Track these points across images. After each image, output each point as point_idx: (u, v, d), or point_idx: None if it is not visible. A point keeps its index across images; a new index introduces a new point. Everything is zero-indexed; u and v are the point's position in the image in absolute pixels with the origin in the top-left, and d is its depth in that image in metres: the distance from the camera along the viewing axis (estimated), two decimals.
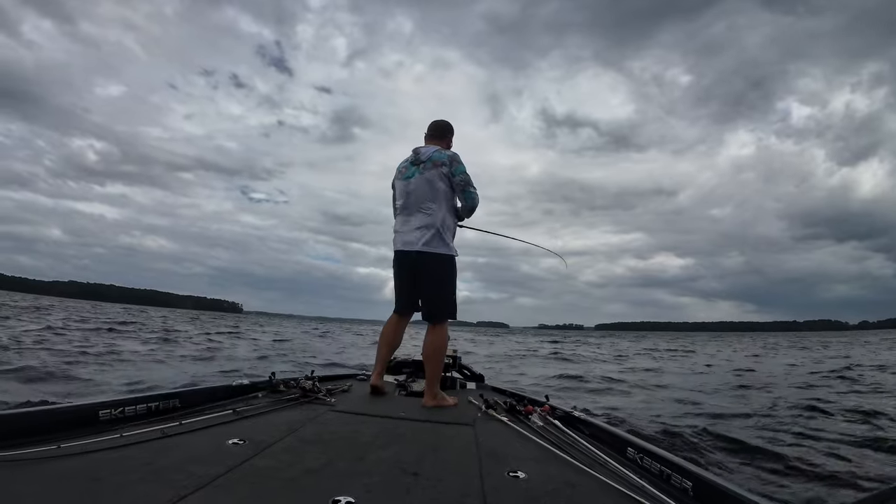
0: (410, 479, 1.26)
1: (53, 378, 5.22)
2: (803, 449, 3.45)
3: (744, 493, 1.12)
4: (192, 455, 1.30)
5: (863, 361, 11.75)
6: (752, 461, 3.19)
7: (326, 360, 9.68)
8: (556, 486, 1.29)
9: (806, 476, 2.85)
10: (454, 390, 3.32)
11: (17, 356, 6.52)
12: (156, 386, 4.99)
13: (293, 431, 1.68)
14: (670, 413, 4.98)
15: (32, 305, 29.85)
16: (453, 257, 2.64)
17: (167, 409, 1.90)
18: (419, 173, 2.62)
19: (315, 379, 2.68)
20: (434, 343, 2.57)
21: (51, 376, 5.27)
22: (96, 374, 5.77)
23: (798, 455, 3.24)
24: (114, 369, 6.38)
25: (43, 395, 4.04)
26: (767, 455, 3.27)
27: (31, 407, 1.68)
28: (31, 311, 21.01)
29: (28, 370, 5.37)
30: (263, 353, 10.75)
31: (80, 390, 4.77)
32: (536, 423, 2.11)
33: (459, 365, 3.87)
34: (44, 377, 5.18)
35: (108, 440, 1.36)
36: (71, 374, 5.52)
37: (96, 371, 6.05)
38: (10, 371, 5.26)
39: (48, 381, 5.07)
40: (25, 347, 7.63)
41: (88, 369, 6.09)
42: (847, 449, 3.45)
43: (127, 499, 0.98)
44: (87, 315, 23.47)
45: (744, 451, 3.39)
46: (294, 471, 1.25)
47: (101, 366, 6.55)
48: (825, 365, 11.10)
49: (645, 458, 1.58)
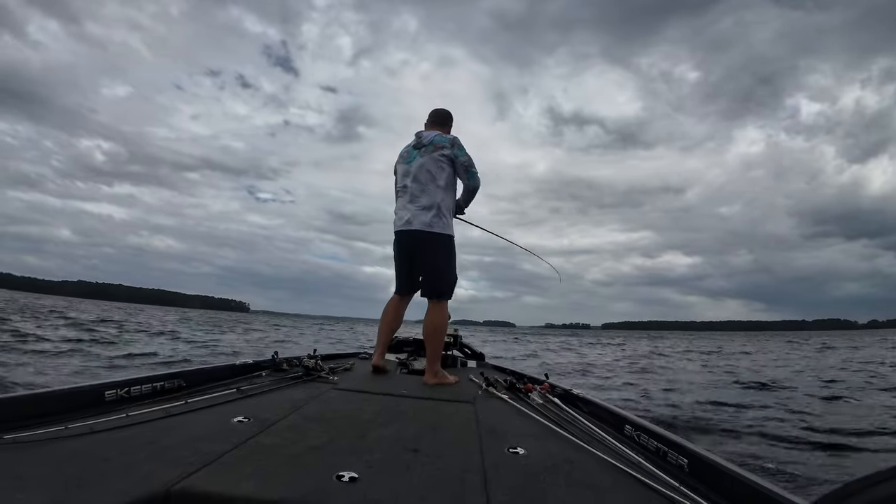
0: (411, 455, 1.27)
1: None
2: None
3: (738, 470, 1.12)
4: (198, 433, 1.31)
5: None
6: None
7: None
8: (555, 462, 1.31)
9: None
10: (455, 368, 3.35)
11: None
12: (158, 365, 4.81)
13: (296, 409, 1.69)
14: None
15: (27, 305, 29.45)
16: (452, 237, 2.69)
17: (172, 388, 1.91)
18: (420, 156, 2.67)
19: (318, 357, 2.70)
20: (434, 321, 2.60)
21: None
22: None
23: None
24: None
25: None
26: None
27: (38, 389, 1.66)
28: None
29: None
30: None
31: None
32: (536, 401, 2.11)
33: (460, 343, 3.90)
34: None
35: (115, 420, 1.37)
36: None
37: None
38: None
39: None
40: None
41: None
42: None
43: (134, 477, 0.98)
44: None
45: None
46: (298, 448, 1.26)
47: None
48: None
49: (642, 436, 1.59)
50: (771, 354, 17.37)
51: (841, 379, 8.27)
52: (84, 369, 6.10)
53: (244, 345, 11.95)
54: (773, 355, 16.67)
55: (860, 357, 14.50)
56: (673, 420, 4.51)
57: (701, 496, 1.08)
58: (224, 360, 3.63)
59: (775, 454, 3.48)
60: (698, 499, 1.06)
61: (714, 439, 3.93)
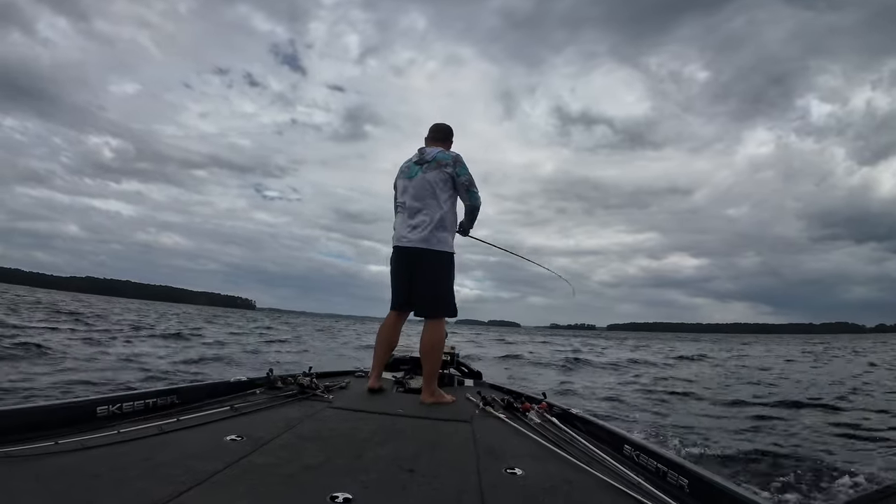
0: (407, 475, 1.25)
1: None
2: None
3: (739, 491, 1.11)
4: (190, 451, 1.30)
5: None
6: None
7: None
8: (553, 483, 1.29)
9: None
10: (452, 387, 3.32)
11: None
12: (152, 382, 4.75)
13: (291, 428, 1.68)
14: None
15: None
16: (452, 255, 2.66)
17: (165, 405, 1.89)
18: (422, 172, 2.65)
19: (313, 375, 2.69)
20: (431, 339, 2.57)
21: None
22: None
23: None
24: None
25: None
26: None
27: (29, 403, 1.68)
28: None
29: None
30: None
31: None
32: (534, 421, 2.10)
33: (457, 362, 3.87)
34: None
35: (106, 437, 1.36)
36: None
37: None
38: None
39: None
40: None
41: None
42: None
43: (125, 495, 0.97)
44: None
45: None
46: (292, 467, 1.25)
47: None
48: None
49: (641, 456, 1.57)
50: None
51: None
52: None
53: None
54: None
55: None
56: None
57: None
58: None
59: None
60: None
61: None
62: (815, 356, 17.95)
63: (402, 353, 3.72)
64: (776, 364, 13.90)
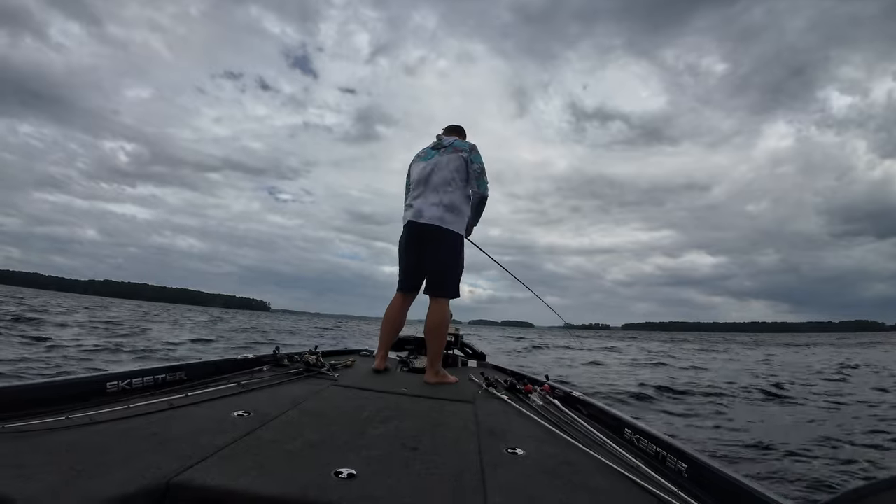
0: (410, 453, 1.27)
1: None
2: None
3: (737, 477, 1.11)
4: (198, 426, 1.32)
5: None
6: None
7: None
8: (553, 463, 1.30)
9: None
10: (455, 368, 3.36)
11: None
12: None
13: (297, 405, 1.70)
14: None
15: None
16: (462, 237, 2.67)
17: (174, 381, 1.92)
18: (438, 155, 2.70)
19: (319, 354, 2.72)
20: (435, 319, 2.56)
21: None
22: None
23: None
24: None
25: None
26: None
27: (40, 379, 1.63)
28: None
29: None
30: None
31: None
32: (536, 402, 2.10)
33: (461, 343, 3.88)
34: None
35: (116, 411, 1.38)
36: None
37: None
38: None
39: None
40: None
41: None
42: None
43: (134, 468, 0.99)
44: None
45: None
46: (297, 443, 1.27)
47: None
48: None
49: (641, 440, 1.57)
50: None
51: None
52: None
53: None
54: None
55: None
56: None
57: (699, 501, 1.08)
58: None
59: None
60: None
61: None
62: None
63: (405, 333, 3.74)
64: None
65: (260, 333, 15.94)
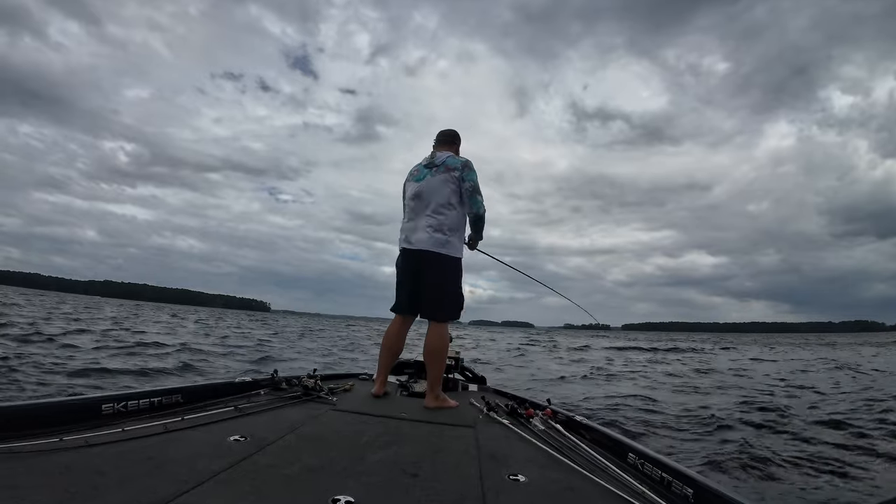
0: (410, 479, 1.25)
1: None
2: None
3: (744, 502, 1.09)
4: (194, 451, 1.31)
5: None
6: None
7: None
8: (556, 490, 1.29)
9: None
10: (456, 392, 3.32)
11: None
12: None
13: (294, 429, 1.69)
14: None
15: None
16: (459, 259, 2.63)
17: (169, 404, 1.91)
18: (431, 175, 2.65)
19: (317, 377, 2.70)
20: (434, 343, 2.53)
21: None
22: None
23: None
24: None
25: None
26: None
27: (34, 400, 1.73)
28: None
29: None
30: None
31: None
32: (538, 427, 2.08)
33: (461, 367, 3.85)
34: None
35: (111, 434, 1.37)
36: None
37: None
38: None
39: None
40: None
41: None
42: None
43: (129, 492, 0.97)
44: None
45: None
46: (294, 468, 1.26)
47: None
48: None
49: (646, 464, 1.54)
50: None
51: None
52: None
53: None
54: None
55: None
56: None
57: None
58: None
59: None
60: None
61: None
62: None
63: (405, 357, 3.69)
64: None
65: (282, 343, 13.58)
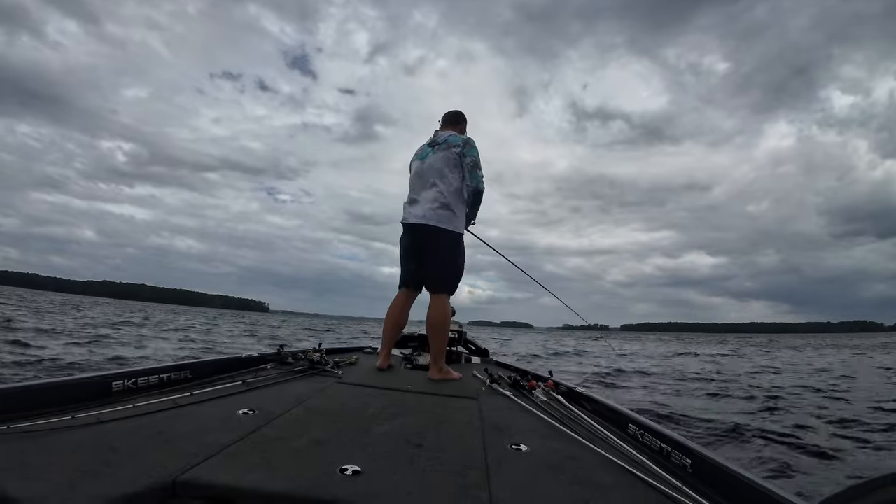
0: (415, 450, 1.27)
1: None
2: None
3: (741, 472, 1.11)
4: (204, 425, 1.33)
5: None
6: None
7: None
8: (557, 459, 1.31)
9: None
10: (459, 364, 3.38)
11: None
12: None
13: (301, 402, 1.71)
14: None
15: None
16: (461, 234, 2.70)
17: (179, 380, 1.93)
18: (433, 153, 2.73)
19: (323, 351, 2.74)
20: (436, 314, 2.60)
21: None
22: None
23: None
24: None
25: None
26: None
27: (45, 379, 1.61)
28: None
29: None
30: None
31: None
32: (540, 398, 2.11)
33: (465, 339, 3.90)
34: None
35: (122, 410, 1.39)
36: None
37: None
38: None
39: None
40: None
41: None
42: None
43: (141, 467, 0.99)
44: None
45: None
46: (302, 440, 1.27)
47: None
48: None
49: (645, 435, 1.57)
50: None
51: None
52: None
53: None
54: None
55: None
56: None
57: (704, 497, 1.08)
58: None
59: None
60: (701, 500, 1.06)
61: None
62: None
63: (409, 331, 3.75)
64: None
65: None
